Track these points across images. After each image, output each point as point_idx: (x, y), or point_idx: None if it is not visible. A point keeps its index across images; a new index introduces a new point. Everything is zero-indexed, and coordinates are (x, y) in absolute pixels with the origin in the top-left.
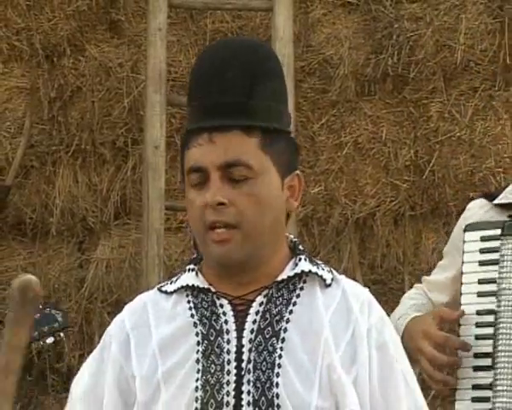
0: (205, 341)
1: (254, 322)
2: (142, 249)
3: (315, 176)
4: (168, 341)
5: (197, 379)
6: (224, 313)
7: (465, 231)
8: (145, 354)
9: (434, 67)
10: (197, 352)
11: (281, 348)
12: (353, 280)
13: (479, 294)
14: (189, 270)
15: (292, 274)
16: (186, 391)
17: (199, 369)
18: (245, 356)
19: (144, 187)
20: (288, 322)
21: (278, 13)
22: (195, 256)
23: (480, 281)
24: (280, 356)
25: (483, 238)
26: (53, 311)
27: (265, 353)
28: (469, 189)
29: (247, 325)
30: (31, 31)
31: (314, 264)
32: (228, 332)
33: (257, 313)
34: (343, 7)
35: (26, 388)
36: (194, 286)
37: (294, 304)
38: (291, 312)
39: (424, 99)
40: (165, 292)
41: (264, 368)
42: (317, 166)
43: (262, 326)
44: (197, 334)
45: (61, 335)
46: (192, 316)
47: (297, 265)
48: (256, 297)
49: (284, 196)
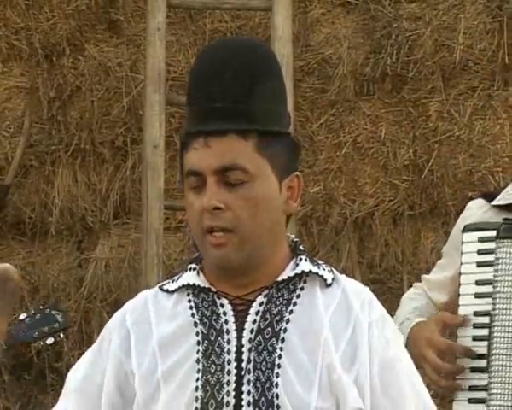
0: (205, 341)
1: (254, 322)
2: (141, 249)
3: (314, 175)
4: (168, 340)
5: (197, 379)
6: (225, 313)
7: (463, 232)
8: (145, 352)
9: (433, 67)
10: (197, 352)
11: (280, 349)
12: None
13: (476, 295)
14: (191, 269)
15: (292, 274)
16: (186, 391)
17: (199, 369)
18: (245, 356)
19: (143, 187)
20: (288, 322)
21: (277, 12)
22: (197, 255)
23: (478, 282)
24: (280, 356)
25: (481, 239)
26: (53, 311)
27: (265, 353)
28: (468, 188)
29: (247, 325)
30: (30, 30)
31: (315, 264)
32: (228, 332)
33: (257, 313)
34: (342, 6)
35: (26, 387)
36: (195, 285)
37: (294, 304)
38: (291, 312)
39: (423, 99)
40: (166, 291)
41: (263, 368)
42: (316, 165)
43: (262, 326)
44: (197, 333)
45: (61, 335)
46: (193, 315)
47: (297, 265)
48: (256, 297)
49: (282, 198)
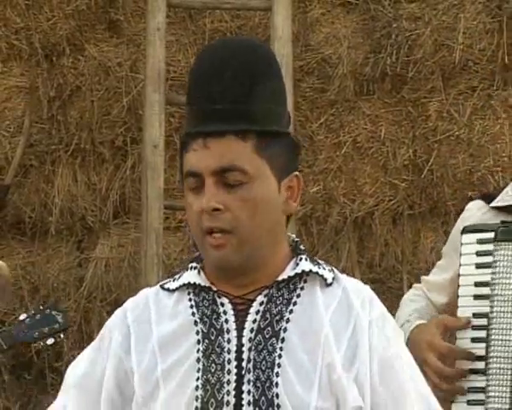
0: (205, 340)
1: (254, 321)
2: (141, 248)
3: (313, 175)
4: (168, 338)
5: (197, 378)
6: (225, 312)
7: (462, 234)
8: (145, 351)
9: (433, 67)
10: (197, 351)
11: (280, 348)
12: None
13: (475, 297)
14: (192, 268)
15: (292, 274)
16: (186, 390)
17: (199, 368)
18: (245, 355)
19: (143, 186)
20: (288, 322)
21: (277, 12)
22: (198, 254)
23: (477, 284)
24: (280, 356)
25: (479, 241)
26: (53, 312)
27: (265, 352)
28: (468, 188)
29: (247, 325)
30: (30, 30)
31: (315, 264)
32: (228, 331)
33: (257, 313)
34: (342, 6)
35: (26, 387)
36: (195, 284)
37: (295, 304)
38: (291, 311)
39: (423, 98)
40: (167, 289)
41: (263, 367)
42: (316, 165)
43: (262, 326)
44: (197, 332)
45: (62, 336)
46: (193, 314)
47: (298, 265)
48: (256, 297)
49: (282, 198)
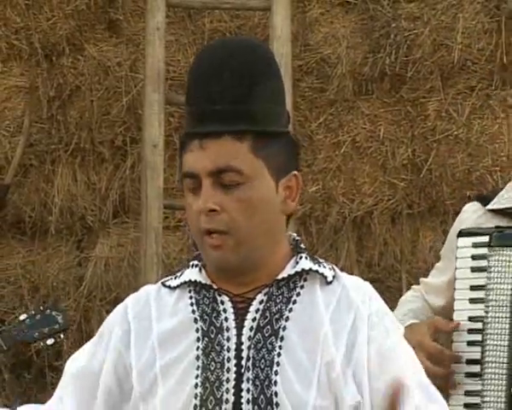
0: (205, 338)
1: (254, 320)
2: (140, 248)
3: (313, 175)
4: (168, 335)
5: (197, 376)
6: (225, 310)
7: (458, 237)
8: (144, 347)
9: (432, 67)
10: (197, 348)
11: (280, 347)
12: None
13: (471, 300)
14: (193, 265)
15: (292, 272)
16: (185, 387)
17: (198, 366)
18: (244, 354)
19: (143, 186)
20: (288, 320)
21: (276, 12)
22: (199, 252)
23: (472, 287)
24: (279, 354)
25: (475, 245)
26: (53, 312)
27: (264, 350)
28: (466, 187)
29: (247, 323)
30: (30, 30)
31: (315, 262)
32: (228, 330)
33: (257, 311)
34: (341, 6)
35: (26, 386)
36: (196, 282)
37: (294, 302)
38: (291, 310)
39: (421, 98)
40: (168, 287)
41: (262, 366)
42: (315, 164)
43: (261, 324)
44: (197, 330)
45: (61, 336)
46: (193, 312)
47: (298, 263)
48: (256, 295)
49: (280, 198)
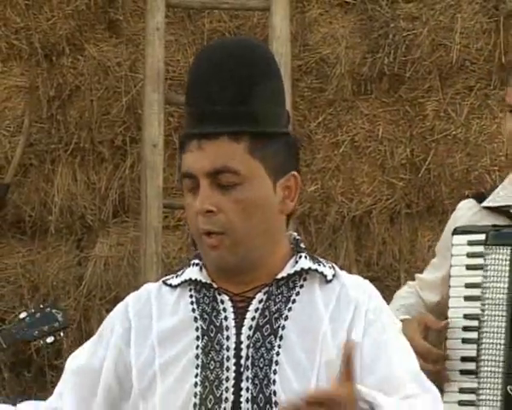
0: (205, 337)
1: (253, 319)
2: (140, 247)
3: (311, 174)
4: (168, 334)
5: (196, 375)
6: (225, 310)
7: (453, 234)
8: (144, 345)
9: (430, 67)
10: (196, 347)
11: (279, 346)
12: None
13: (466, 298)
14: (194, 264)
15: (292, 272)
16: (184, 385)
17: (198, 364)
18: (243, 353)
19: (142, 185)
20: (287, 320)
21: (275, 12)
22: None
23: (467, 285)
24: (278, 353)
25: (470, 242)
26: (53, 310)
27: (263, 349)
28: (465, 187)
29: (246, 322)
30: (30, 30)
31: (315, 261)
32: (227, 329)
33: (256, 310)
34: (340, 6)
35: (25, 385)
36: (197, 281)
37: (294, 302)
38: (290, 309)
39: (420, 98)
40: (169, 285)
41: (261, 365)
42: (314, 164)
43: (261, 323)
44: (197, 329)
45: (61, 334)
46: (193, 311)
47: (297, 262)
48: (256, 294)
49: (278, 199)
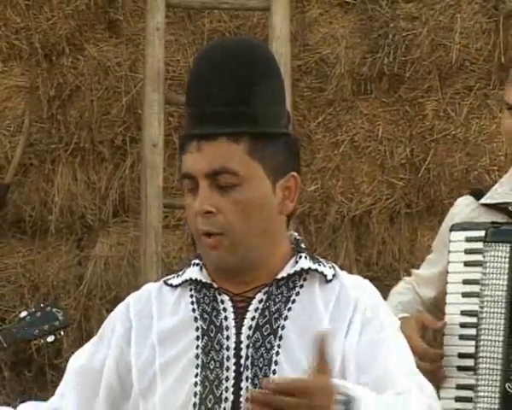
0: (205, 336)
1: (253, 319)
2: (140, 247)
3: (311, 174)
4: (168, 334)
5: (196, 374)
6: (225, 310)
7: (451, 231)
8: (144, 345)
9: (430, 66)
10: (196, 347)
11: (278, 346)
12: None
13: (463, 294)
14: (194, 264)
15: (292, 272)
16: (184, 385)
17: (198, 364)
18: (243, 353)
19: (142, 185)
20: (287, 320)
21: (275, 12)
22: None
23: (465, 281)
24: (277, 353)
25: (468, 239)
26: (53, 309)
27: (263, 349)
28: (464, 187)
29: (246, 322)
30: (30, 30)
31: (315, 261)
32: (227, 329)
33: (256, 310)
34: (339, 6)
35: (26, 384)
36: (197, 280)
37: (293, 302)
38: (290, 309)
39: (420, 98)
40: (170, 285)
41: (261, 365)
42: (314, 164)
43: (260, 323)
44: (197, 329)
45: (62, 333)
46: (193, 311)
47: (297, 262)
48: (256, 294)
49: (277, 199)
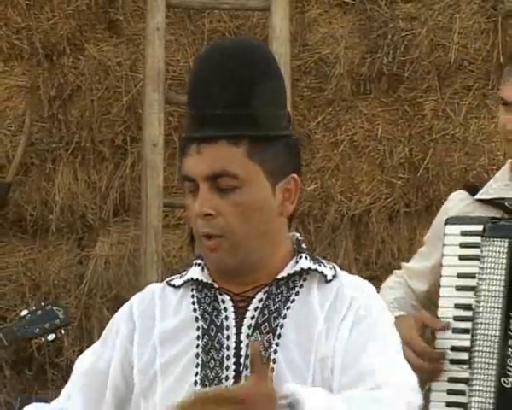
0: (205, 336)
1: (253, 318)
2: (140, 246)
3: (311, 173)
4: (169, 334)
5: (196, 373)
6: (225, 309)
7: (446, 224)
8: (146, 345)
9: (429, 66)
10: (197, 346)
11: (277, 344)
12: None
13: (457, 288)
14: (196, 264)
15: (292, 272)
16: (184, 385)
17: (198, 363)
18: (243, 352)
19: (143, 184)
20: (285, 318)
21: (275, 13)
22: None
23: (460, 275)
24: (275, 351)
25: (463, 233)
26: (54, 308)
27: (261, 348)
28: None
29: (246, 321)
30: (31, 30)
31: (316, 261)
32: (228, 328)
33: (256, 310)
34: (339, 7)
35: (26, 382)
36: (198, 280)
37: (292, 301)
38: (288, 308)
39: (419, 98)
40: (173, 286)
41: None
42: (313, 163)
43: (260, 322)
44: (198, 328)
45: (62, 332)
46: (195, 311)
47: (297, 263)
48: (256, 294)
49: (277, 201)
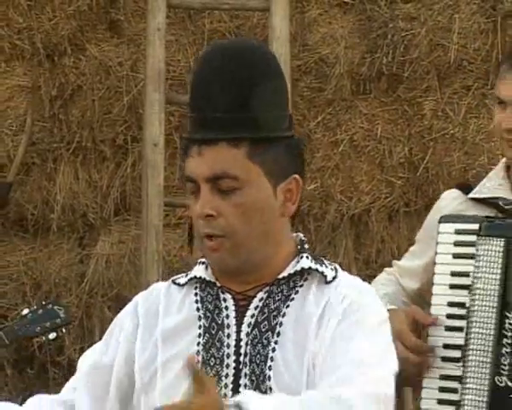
0: (206, 334)
1: (253, 316)
2: (141, 245)
3: (311, 173)
4: (171, 332)
5: None
6: (227, 308)
7: (439, 223)
8: (148, 343)
9: (428, 66)
10: (198, 344)
11: (275, 342)
12: None
13: (451, 286)
14: (200, 263)
15: (292, 271)
16: (184, 382)
17: (198, 361)
18: (242, 350)
19: (143, 184)
20: (284, 316)
21: (275, 13)
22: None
23: (453, 273)
24: (273, 349)
25: (457, 231)
26: (55, 307)
27: (260, 346)
28: None
29: (246, 320)
30: (32, 30)
31: (317, 262)
32: (228, 326)
33: (256, 308)
34: (339, 7)
35: (28, 381)
36: (201, 279)
37: (292, 300)
38: (288, 307)
39: (418, 97)
40: (178, 284)
41: (258, 361)
42: (313, 163)
43: (259, 320)
44: (199, 327)
45: (63, 330)
46: (197, 309)
47: (298, 263)
48: (257, 293)
49: (278, 202)
